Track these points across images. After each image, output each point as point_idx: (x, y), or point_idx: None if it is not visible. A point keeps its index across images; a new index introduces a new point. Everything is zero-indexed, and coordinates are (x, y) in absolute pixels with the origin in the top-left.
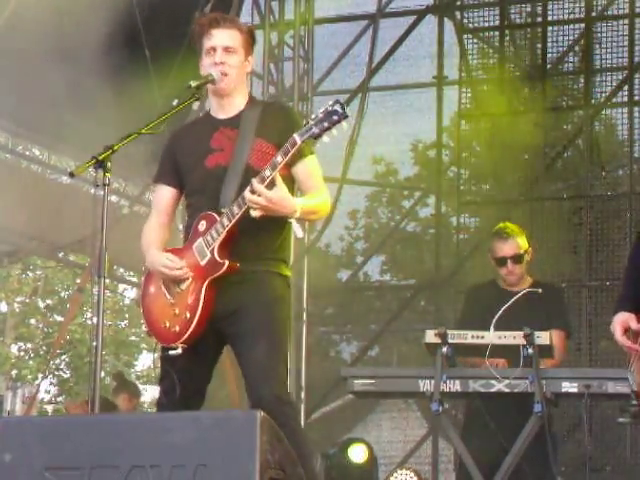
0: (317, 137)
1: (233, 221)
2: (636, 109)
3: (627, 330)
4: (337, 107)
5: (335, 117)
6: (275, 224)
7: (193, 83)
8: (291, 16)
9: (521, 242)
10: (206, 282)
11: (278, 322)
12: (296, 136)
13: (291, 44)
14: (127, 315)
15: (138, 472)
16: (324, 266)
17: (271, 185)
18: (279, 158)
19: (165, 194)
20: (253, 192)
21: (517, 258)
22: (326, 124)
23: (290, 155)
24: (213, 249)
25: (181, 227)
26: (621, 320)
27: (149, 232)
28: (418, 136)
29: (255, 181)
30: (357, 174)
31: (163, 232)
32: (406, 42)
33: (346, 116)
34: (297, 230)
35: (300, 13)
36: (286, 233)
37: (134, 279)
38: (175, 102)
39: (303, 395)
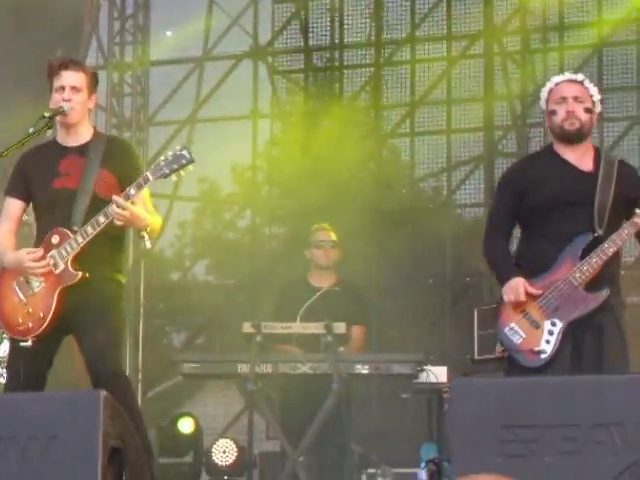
0: (166, 176)
1: (87, 239)
2: (416, 139)
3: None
4: (184, 152)
5: (183, 161)
6: (112, 240)
7: (47, 114)
8: (130, 58)
9: (334, 235)
10: (59, 288)
11: (114, 315)
12: (149, 174)
13: (130, 82)
14: None
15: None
16: (158, 268)
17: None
18: (132, 191)
19: (16, 206)
20: (119, 206)
21: (333, 244)
22: (175, 166)
23: (141, 190)
24: (67, 261)
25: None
26: (522, 282)
27: (4, 238)
28: (237, 160)
29: (120, 198)
30: (186, 191)
31: (14, 238)
32: (227, 81)
33: (193, 161)
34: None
35: (138, 56)
36: (120, 248)
37: None
38: (31, 130)
39: (140, 377)
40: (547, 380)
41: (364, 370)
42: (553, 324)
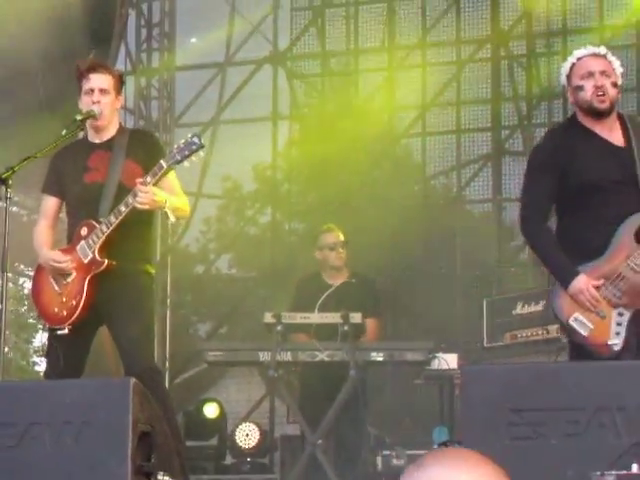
0: (179, 163)
1: (111, 228)
2: (428, 138)
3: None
4: (195, 139)
5: (194, 147)
6: (140, 231)
7: (78, 117)
8: (157, 64)
9: (342, 235)
10: (88, 276)
11: (146, 308)
12: (162, 162)
13: (157, 86)
14: (26, 302)
15: (36, 429)
16: (184, 262)
17: None
18: (149, 179)
19: (51, 202)
20: (140, 192)
21: (343, 244)
22: (186, 152)
23: (158, 177)
24: (94, 250)
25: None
26: (589, 281)
27: (40, 234)
28: (258, 159)
29: (140, 184)
30: (210, 189)
31: (51, 233)
32: (248, 85)
33: (202, 146)
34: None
35: (164, 62)
36: (149, 239)
37: (32, 273)
38: (63, 132)
39: (167, 364)
40: (553, 365)
41: (379, 357)
42: (620, 314)
